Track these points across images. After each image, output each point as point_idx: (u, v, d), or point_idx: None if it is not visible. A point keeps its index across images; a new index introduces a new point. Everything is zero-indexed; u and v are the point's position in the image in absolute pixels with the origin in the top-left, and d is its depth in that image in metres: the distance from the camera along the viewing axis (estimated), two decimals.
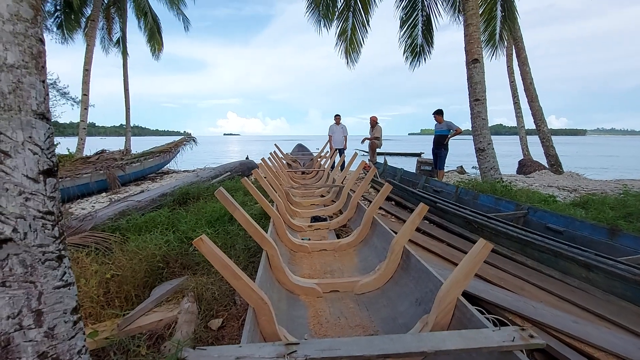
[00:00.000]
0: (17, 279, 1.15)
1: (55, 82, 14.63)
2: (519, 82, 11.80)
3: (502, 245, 3.10)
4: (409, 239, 3.20)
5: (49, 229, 1.24)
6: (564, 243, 2.59)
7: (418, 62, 10.05)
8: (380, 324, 1.82)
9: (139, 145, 14.55)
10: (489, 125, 6.86)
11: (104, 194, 6.93)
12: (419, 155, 22.26)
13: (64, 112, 21.65)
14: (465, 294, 2.11)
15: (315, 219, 4.00)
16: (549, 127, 11.70)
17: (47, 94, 1.31)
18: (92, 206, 5.85)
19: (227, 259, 1.38)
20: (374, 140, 9.08)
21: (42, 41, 1.22)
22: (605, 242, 3.01)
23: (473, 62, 6.64)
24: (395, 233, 2.31)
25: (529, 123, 11.73)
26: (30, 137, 1.19)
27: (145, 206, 4.29)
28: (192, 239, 3.14)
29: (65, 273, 1.29)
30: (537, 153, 11.74)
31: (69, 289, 1.30)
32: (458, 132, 7.05)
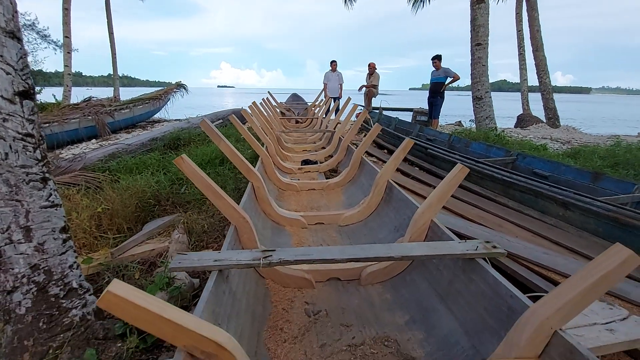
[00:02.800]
0: (2, 197, 1.18)
1: (34, 23, 13.67)
2: (526, 32, 11.21)
3: (486, 188, 3.18)
4: (398, 182, 3.27)
5: (30, 151, 1.25)
6: (545, 183, 2.66)
7: (422, 3, 9.46)
8: None
9: (129, 95, 14.02)
10: (492, 80, 6.65)
11: (94, 141, 6.85)
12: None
13: (47, 57, 20.47)
14: None
15: (306, 162, 4.02)
16: (555, 84, 11.31)
17: (16, 11, 1.25)
18: (83, 152, 5.81)
19: (208, 178, 1.40)
20: (371, 88, 8.82)
21: None
22: (587, 186, 3.09)
23: (478, 2, 6.24)
24: None
25: (533, 80, 11.34)
26: (1, 56, 1.16)
27: (135, 149, 4.27)
28: (183, 180, 3.18)
29: (51, 194, 1.32)
30: (538, 110, 11.53)
31: (56, 209, 1.34)
32: (456, 78, 6.86)
